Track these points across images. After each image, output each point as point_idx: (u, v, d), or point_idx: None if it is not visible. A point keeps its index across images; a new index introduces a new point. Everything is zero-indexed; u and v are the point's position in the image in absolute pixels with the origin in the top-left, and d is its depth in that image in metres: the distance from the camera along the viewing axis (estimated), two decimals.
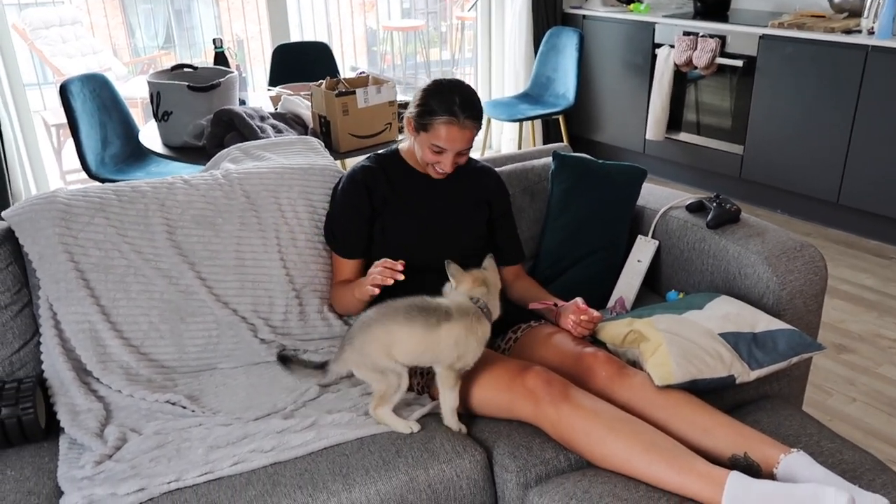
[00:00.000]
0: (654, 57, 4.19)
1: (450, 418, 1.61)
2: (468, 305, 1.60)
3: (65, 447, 1.58)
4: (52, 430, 1.65)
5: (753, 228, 1.98)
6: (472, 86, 1.83)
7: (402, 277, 1.66)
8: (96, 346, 1.75)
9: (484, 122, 2.16)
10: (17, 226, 1.78)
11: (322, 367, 1.67)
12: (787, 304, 1.83)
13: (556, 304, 1.85)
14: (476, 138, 1.83)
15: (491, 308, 1.64)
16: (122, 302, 1.79)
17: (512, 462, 1.53)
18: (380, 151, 1.97)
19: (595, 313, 1.76)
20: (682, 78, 4.14)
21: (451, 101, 1.74)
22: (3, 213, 1.80)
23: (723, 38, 3.87)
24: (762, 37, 3.72)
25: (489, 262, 1.72)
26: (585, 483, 1.43)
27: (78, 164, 3.22)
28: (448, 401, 1.60)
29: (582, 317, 1.74)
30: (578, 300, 1.79)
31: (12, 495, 1.46)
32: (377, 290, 1.69)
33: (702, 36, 3.92)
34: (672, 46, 4.07)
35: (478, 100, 1.80)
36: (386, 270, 1.67)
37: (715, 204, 2.03)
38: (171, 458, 1.51)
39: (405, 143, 1.94)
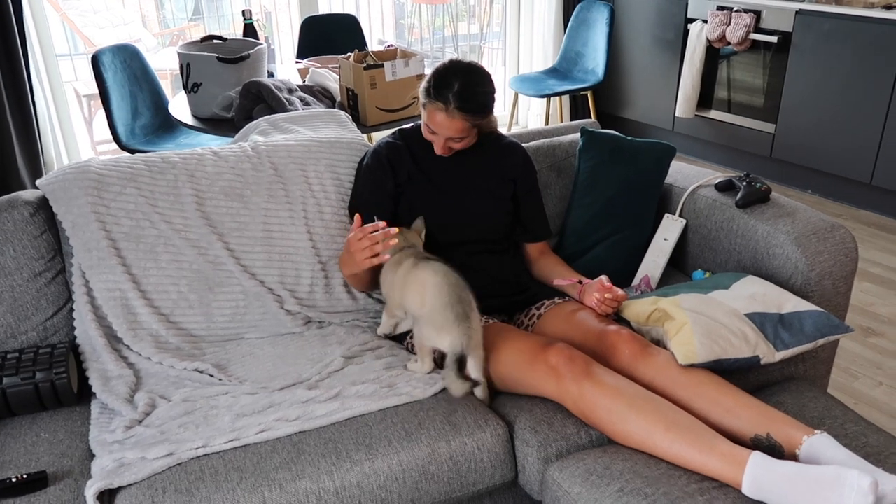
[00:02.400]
0: (686, 32, 4.12)
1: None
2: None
3: (96, 412, 1.63)
4: (84, 394, 1.70)
5: (783, 208, 1.95)
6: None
7: (395, 232, 1.69)
8: (127, 314, 1.79)
9: (510, 97, 2.15)
10: (51, 194, 1.81)
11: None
12: (815, 285, 1.81)
13: (580, 282, 1.84)
14: (503, 113, 1.82)
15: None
16: (152, 271, 1.82)
17: (533, 437, 1.55)
18: (404, 127, 1.97)
19: (620, 292, 1.76)
20: (715, 54, 4.07)
21: (450, 88, 1.70)
22: (38, 182, 1.83)
23: (758, 14, 3.78)
24: (798, 12, 3.63)
25: (418, 222, 1.82)
26: (606, 459, 1.44)
27: (109, 135, 3.26)
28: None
29: (606, 295, 1.74)
30: (603, 278, 1.79)
31: (46, 457, 1.51)
32: (378, 260, 1.69)
33: (736, 11, 3.84)
34: (705, 21, 3.99)
35: (483, 92, 1.75)
36: (377, 240, 1.67)
37: (744, 183, 2.01)
38: (199, 425, 1.54)
39: None
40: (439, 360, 1.74)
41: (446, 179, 1.88)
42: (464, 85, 1.71)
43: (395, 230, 1.69)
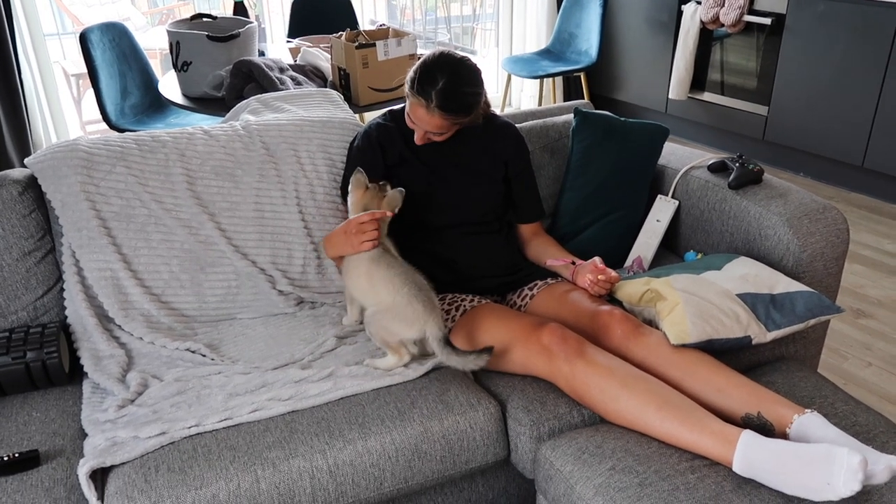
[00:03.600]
0: (680, 14, 4.10)
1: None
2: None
3: (88, 391, 1.62)
4: (76, 374, 1.69)
5: (776, 190, 1.96)
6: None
7: (391, 213, 1.70)
8: (118, 294, 1.78)
9: (503, 78, 2.13)
10: (39, 173, 1.79)
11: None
12: (806, 266, 1.81)
13: (573, 263, 1.84)
14: (496, 94, 1.81)
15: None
16: (143, 251, 1.81)
17: (525, 416, 1.55)
18: (395, 108, 1.95)
19: (613, 273, 1.76)
20: (708, 36, 4.06)
21: (433, 84, 1.65)
22: (27, 161, 1.82)
23: None
24: None
25: (396, 195, 1.75)
26: (598, 438, 1.45)
27: (98, 115, 3.23)
28: None
29: (599, 276, 1.74)
30: (597, 259, 1.79)
31: (38, 436, 1.50)
32: (373, 243, 1.69)
33: None
34: (699, 3, 3.97)
35: (467, 93, 1.69)
36: (371, 223, 1.67)
37: (737, 164, 2.01)
38: (192, 404, 1.54)
39: None
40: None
41: (438, 161, 1.88)
42: (448, 83, 1.66)
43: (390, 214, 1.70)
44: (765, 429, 1.42)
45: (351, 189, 1.76)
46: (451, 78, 1.66)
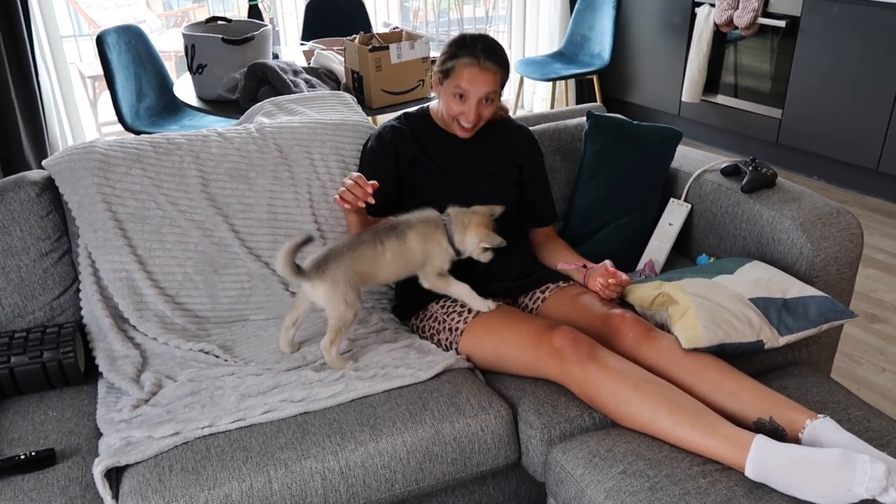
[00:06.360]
0: (694, 16, 4.09)
1: (476, 302, 1.73)
2: (432, 216, 1.73)
3: (103, 391, 1.64)
4: (91, 374, 1.71)
5: (789, 194, 1.95)
6: (505, 44, 1.81)
7: (372, 201, 1.68)
8: (133, 295, 1.80)
9: (516, 80, 2.14)
10: (56, 175, 1.81)
11: (299, 270, 1.63)
12: (820, 270, 1.81)
13: (584, 266, 1.84)
14: (508, 97, 1.82)
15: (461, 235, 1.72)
16: (157, 252, 1.83)
17: (537, 419, 1.56)
18: (409, 110, 1.96)
19: (624, 276, 1.76)
20: (722, 38, 4.04)
21: (474, 46, 1.75)
22: (44, 162, 1.84)
23: None
24: None
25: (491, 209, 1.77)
26: (609, 442, 1.45)
27: (113, 116, 3.26)
28: (458, 292, 1.73)
29: (610, 280, 1.74)
30: (607, 263, 1.79)
31: (54, 434, 1.52)
32: (346, 206, 1.69)
33: None
34: (712, 5, 3.96)
35: (503, 50, 1.79)
36: (357, 188, 1.67)
37: (750, 168, 2.00)
38: (205, 405, 1.55)
39: (435, 102, 1.93)
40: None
41: (452, 164, 1.88)
42: (485, 40, 1.76)
43: (371, 188, 1.69)
44: (777, 433, 1.41)
45: (478, 231, 1.72)
46: (484, 39, 1.77)
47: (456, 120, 1.81)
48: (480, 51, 1.73)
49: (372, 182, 1.69)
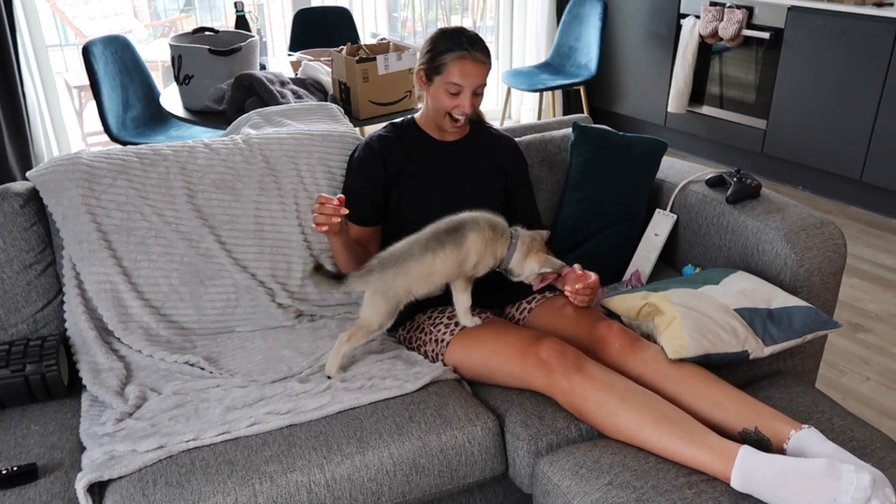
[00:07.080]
0: (679, 28, 4.12)
1: (465, 318, 1.74)
2: (501, 223, 1.71)
3: (86, 404, 1.62)
4: (75, 387, 1.69)
5: (773, 204, 1.96)
6: (493, 54, 1.82)
7: (346, 211, 1.66)
8: (118, 307, 1.78)
9: (503, 91, 2.16)
10: (41, 186, 1.80)
11: (340, 278, 1.65)
12: (804, 281, 1.82)
13: (559, 275, 1.84)
14: (495, 108, 1.83)
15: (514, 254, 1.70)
16: (143, 264, 1.82)
17: (523, 430, 1.55)
18: (396, 120, 1.96)
19: (591, 278, 1.75)
20: (707, 50, 4.08)
21: (460, 38, 1.76)
22: (28, 174, 1.82)
23: (750, 10, 3.79)
24: (791, 8, 3.64)
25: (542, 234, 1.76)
26: (596, 453, 1.45)
27: (99, 127, 3.25)
28: (462, 302, 1.73)
29: (577, 285, 1.74)
30: (576, 266, 1.78)
31: (37, 449, 1.50)
32: (324, 229, 1.67)
33: (728, 6, 3.85)
34: (697, 17, 4.00)
35: (483, 39, 1.81)
36: (325, 207, 1.65)
37: (735, 179, 2.02)
38: (190, 418, 1.54)
39: (421, 111, 1.93)
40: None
41: (438, 172, 1.89)
42: (469, 33, 1.78)
43: (344, 211, 1.67)
44: (762, 444, 1.42)
45: (538, 257, 1.71)
46: (465, 30, 1.79)
47: (448, 115, 1.82)
48: (468, 43, 1.75)
49: (339, 196, 1.68)
